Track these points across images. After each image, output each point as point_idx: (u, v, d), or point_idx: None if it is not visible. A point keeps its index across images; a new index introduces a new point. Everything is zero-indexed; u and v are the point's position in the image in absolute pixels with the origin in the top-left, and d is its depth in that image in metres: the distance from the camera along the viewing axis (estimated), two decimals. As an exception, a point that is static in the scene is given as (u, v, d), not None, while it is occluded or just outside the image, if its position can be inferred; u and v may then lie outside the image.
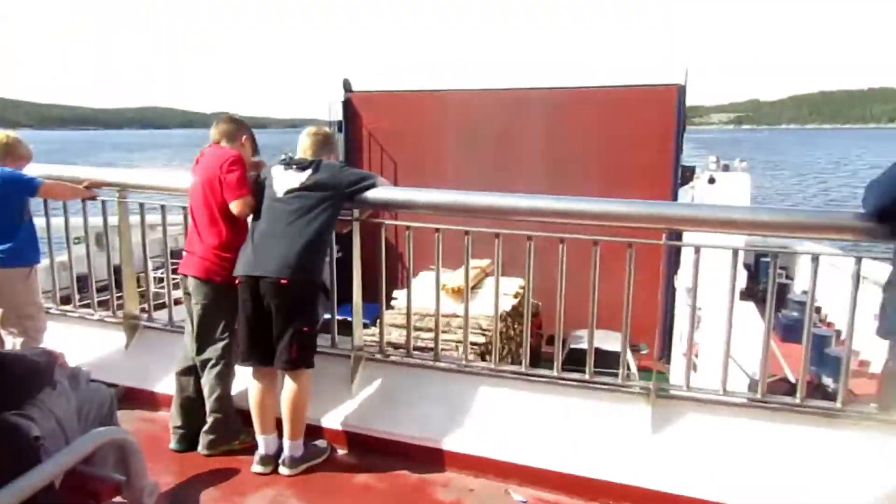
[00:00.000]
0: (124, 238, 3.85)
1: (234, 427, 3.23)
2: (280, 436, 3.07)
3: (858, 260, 2.79)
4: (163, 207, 3.71)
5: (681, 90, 16.20)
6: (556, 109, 17.36)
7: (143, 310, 4.12)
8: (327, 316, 3.41)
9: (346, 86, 19.10)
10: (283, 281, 2.89)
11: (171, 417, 3.28)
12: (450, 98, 18.79)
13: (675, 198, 16.06)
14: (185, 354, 3.28)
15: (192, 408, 3.24)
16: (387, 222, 3.41)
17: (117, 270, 4.00)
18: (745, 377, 7.79)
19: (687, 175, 16.71)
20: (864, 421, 2.73)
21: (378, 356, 3.48)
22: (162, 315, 3.99)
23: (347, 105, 18.99)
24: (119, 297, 4.01)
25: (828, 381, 9.82)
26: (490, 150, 17.82)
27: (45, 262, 4.23)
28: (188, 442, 3.22)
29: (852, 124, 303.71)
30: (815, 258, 2.86)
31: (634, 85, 16.99)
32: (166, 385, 3.45)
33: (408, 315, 3.59)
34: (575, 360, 3.60)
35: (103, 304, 4.19)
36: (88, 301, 4.17)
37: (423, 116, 18.55)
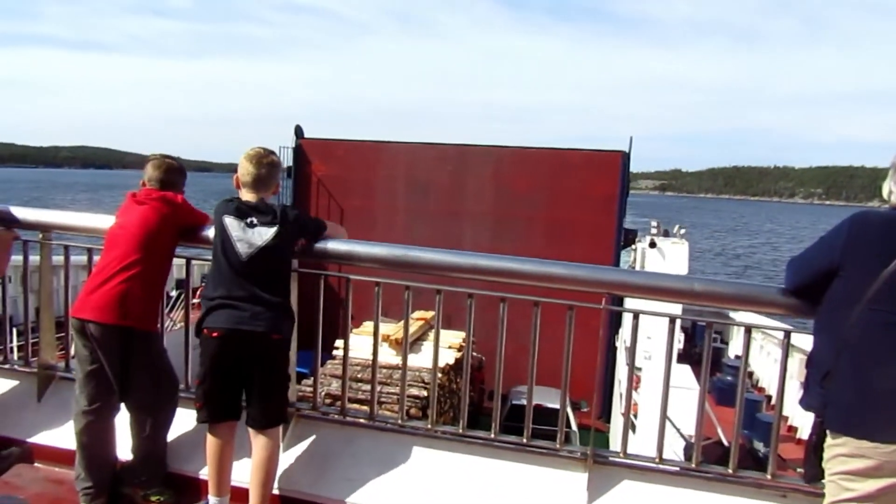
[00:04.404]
0: (44, 281, 3.62)
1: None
2: None
3: (787, 333, 2.86)
4: (89, 251, 3.49)
5: (625, 156, 16.85)
6: (503, 167, 17.74)
7: (62, 356, 3.84)
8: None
9: (298, 132, 19.07)
10: None
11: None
12: (400, 150, 18.98)
13: (617, 259, 16.52)
14: (80, 408, 3.04)
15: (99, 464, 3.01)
16: (326, 273, 3.29)
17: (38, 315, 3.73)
18: (682, 440, 7.89)
19: (630, 238, 17.28)
20: (792, 493, 2.75)
21: (311, 413, 3.33)
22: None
23: (298, 151, 18.93)
24: (35, 344, 3.72)
25: (758, 445, 10.04)
26: (438, 203, 17.99)
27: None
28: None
29: (759, 197, 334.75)
30: (749, 330, 2.92)
31: (581, 149, 17.58)
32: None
33: (343, 372, 3.46)
34: (517, 416, 3.53)
35: (21, 351, 3.90)
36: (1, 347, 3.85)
37: (373, 166, 18.64)
